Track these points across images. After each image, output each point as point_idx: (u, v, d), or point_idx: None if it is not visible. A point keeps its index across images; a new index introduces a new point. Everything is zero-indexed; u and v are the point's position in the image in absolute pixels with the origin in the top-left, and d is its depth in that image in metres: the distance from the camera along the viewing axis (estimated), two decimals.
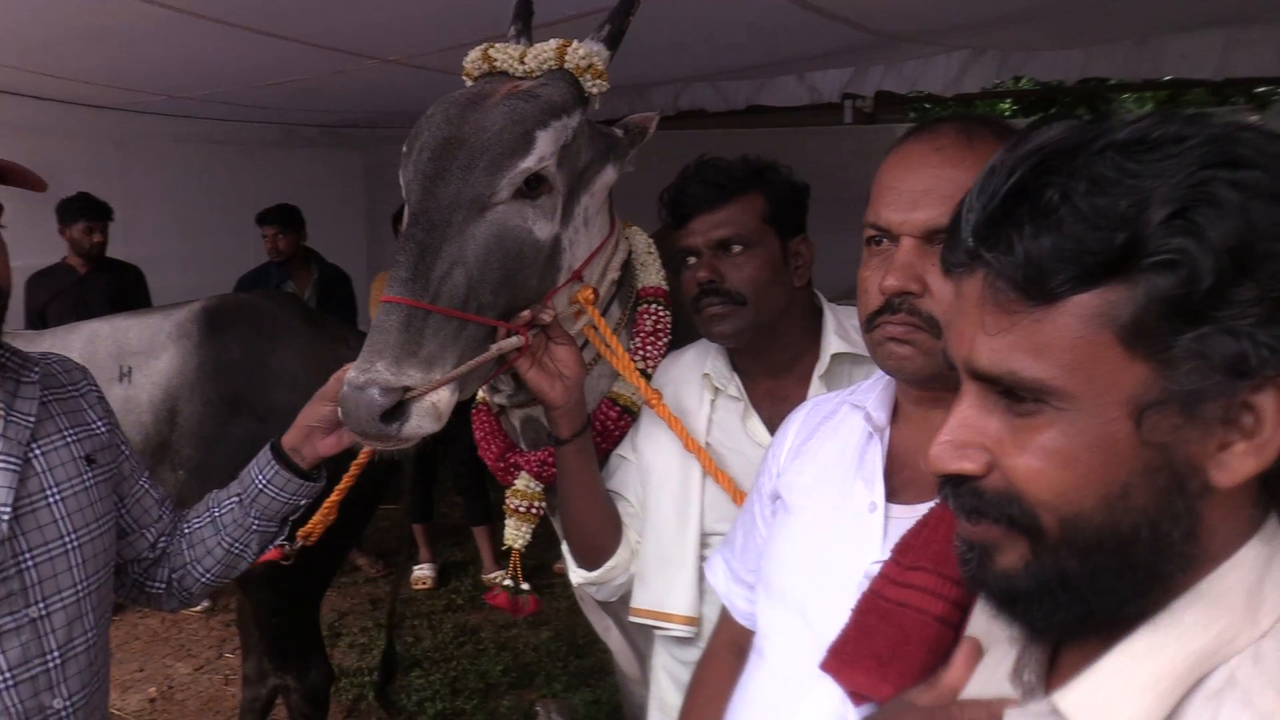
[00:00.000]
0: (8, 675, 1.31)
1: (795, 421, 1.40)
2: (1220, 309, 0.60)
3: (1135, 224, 0.61)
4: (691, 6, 2.80)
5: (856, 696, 1.06)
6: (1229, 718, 0.63)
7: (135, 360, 2.69)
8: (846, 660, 1.10)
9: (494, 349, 1.50)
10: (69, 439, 1.45)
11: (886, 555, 1.10)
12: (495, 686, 3.97)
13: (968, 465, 0.69)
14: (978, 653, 0.85)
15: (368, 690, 3.92)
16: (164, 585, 1.62)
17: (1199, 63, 4.39)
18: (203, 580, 1.62)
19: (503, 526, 2.05)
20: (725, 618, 1.46)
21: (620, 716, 3.68)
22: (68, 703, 1.37)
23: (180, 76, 4.16)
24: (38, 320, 4.49)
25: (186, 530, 1.62)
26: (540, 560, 5.17)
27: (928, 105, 6.54)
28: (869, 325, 1.15)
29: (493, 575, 4.95)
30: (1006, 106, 6.93)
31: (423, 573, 4.99)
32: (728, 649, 1.41)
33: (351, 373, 1.41)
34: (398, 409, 1.39)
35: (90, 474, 1.46)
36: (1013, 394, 0.67)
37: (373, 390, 1.37)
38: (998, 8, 3.46)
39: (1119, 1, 3.56)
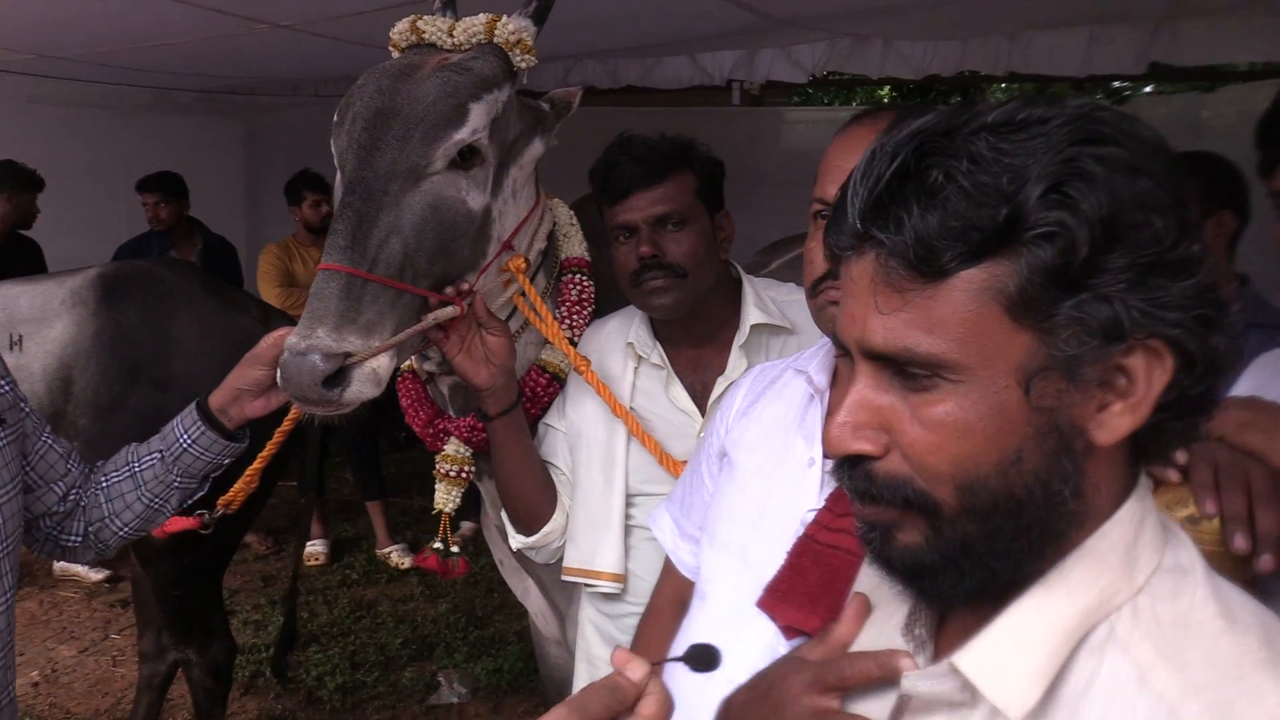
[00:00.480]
0: None
1: (743, 386, 1.49)
2: (1094, 277, 0.64)
3: (1015, 200, 0.63)
4: None
5: (789, 630, 1.17)
6: (1111, 668, 0.67)
7: (26, 328, 2.60)
8: (780, 598, 1.21)
9: (430, 318, 1.54)
10: None
11: (822, 505, 1.21)
12: (395, 659, 3.98)
13: (865, 446, 0.71)
14: (866, 608, 0.89)
15: (265, 666, 3.87)
16: (80, 538, 1.60)
17: (1064, 59, 4.68)
18: (120, 533, 1.61)
19: (394, 502, 2.08)
20: (669, 573, 1.54)
21: (522, 683, 3.75)
22: None
23: (52, 35, 3.97)
24: None
25: (104, 484, 1.60)
26: (434, 535, 5.20)
27: (811, 90, 6.75)
28: (813, 291, 1.25)
29: (387, 550, 4.93)
30: (885, 93, 7.21)
31: (315, 549, 4.92)
32: (671, 603, 1.50)
33: (292, 339, 1.42)
34: (339, 375, 1.42)
35: (4, 432, 1.44)
36: (907, 371, 0.68)
37: (314, 356, 1.40)
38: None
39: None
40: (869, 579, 0.91)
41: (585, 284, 1.94)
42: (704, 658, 0.89)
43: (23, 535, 1.51)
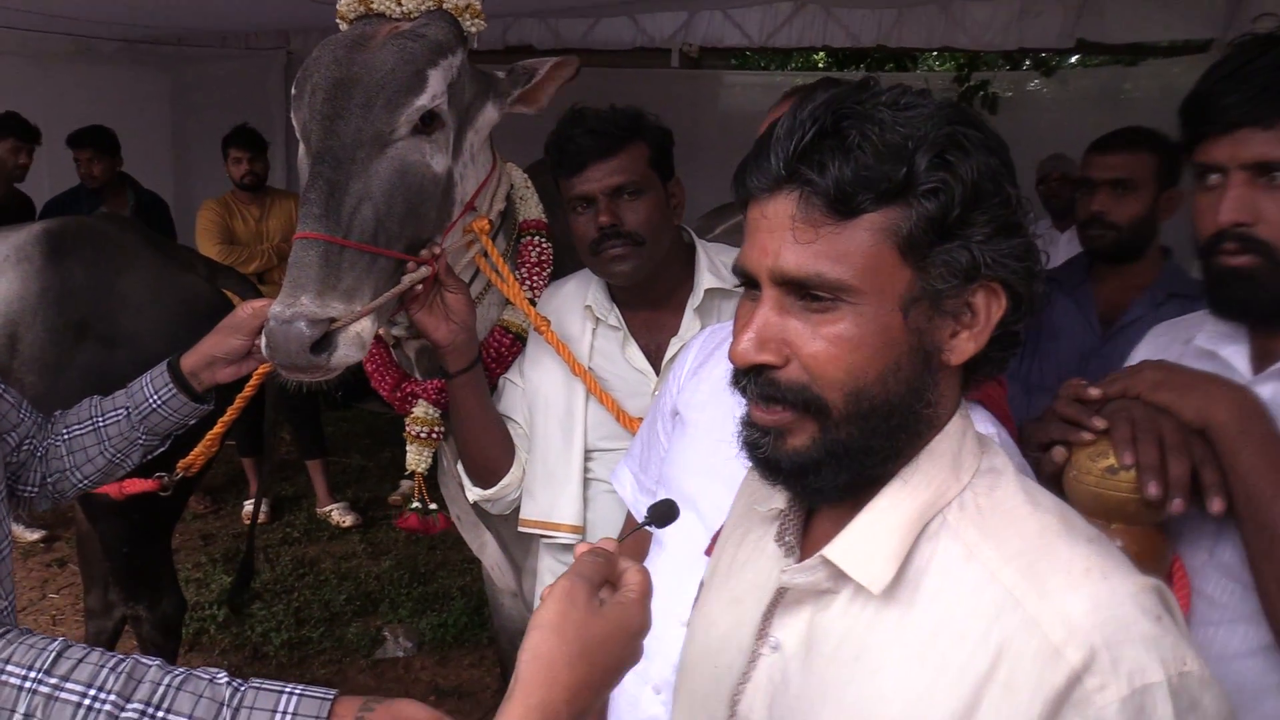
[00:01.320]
0: None
1: (694, 348, 1.58)
2: (962, 228, 0.80)
3: (912, 159, 0.79)
4: None
5: None
6: (945, 548, 0.84)
7: None
8: None
9: (406, 279, 1.60)
10: None
11: None
12: (340, 615, 4.02)
13: (769, 357, 0.83)
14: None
15: (209, 623, 3.89)
16: (35, 488, 1.62)
17: (995, 31, 4.81)
18: (79, 485, 1.64)
19: (334, 461, 2.12)
20: (628, 523, 1.63)
21: (467, 637, 3.83)
22: None
23: None
24: None
25: (65, 435, 1.61)
26: (374, 493, 5.22)
27: (748, 53, 6.82)
28: None
29: (328, 508, 4.94)
30: (820, 58, 7.31)
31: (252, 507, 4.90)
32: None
33: (277, 307, 1.47)
34: (324, 340, 1.47)
35: None
36: (811, 295, 0.81)
37: (300, 323, 1.44)
38: None
39: None
40: (740, 505, 1.09)
41: (544, 246, 2.00)
42: (664, 514, 1.05)
43: None
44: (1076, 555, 0.81)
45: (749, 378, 0.86)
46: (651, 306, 1.90)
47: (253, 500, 4.90)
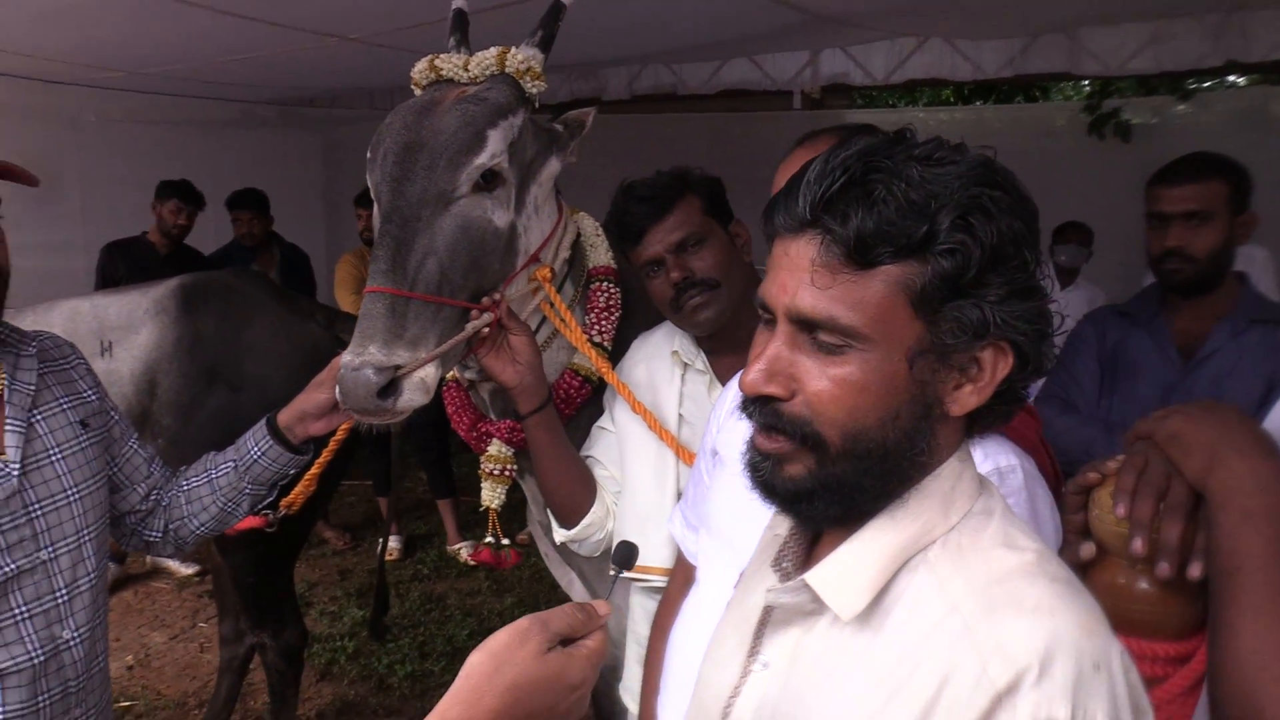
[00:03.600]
0: (24, 609, 1.50)
1: (732, 388, 1.59)
2: (977, 288, 0.82)
3: (935, 220, 0.81)
4: None
5: None
6: (920, 581, 0.86)
7: (115, 335, 2.82)
8: None
9: (469, 327, 1.68)
10: (64, 406, 1.63)
11: None
12: (463, 650, 4.12)
13: (776, 389, 0.87)
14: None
15: (340, 655, 4.08)
16: (160, 534, 1.82)
17: (1127, 55, 4.62)
18: (197, 532, 1.82)
19: (465, 499, 2.21)
20: (679, 561, 1.66)
21: None
22: (75, 634, 1.56)
23: (141, 52, 4.24)
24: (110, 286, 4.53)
25: (185, 487, 1.81)
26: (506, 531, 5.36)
27: (874, 93, 6.75)
28: None
29: (457, 546, 5.11)
30: (948, 93, 7.17)
31: (389, 544, 5.12)
32: (681, 589, 1.62)
33: (346, 357, 1.58)
34: (391, 386, 1.56)
35: (85, 436, 1.64)
36: (820, 337, 0.85)
37: (367, 370, 1.55)
38: None
39: None
40: (767, 532, 1.10)
41: (612, 291, 2.05)
42: (625, 556, 1.17)
43: (110, 528, 1.73)
44: (1033, 592, 0.82)
45: (755, 406, 0.90)
46: (735, 349, 1.90)
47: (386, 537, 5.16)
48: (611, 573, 1.16)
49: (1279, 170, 3.57)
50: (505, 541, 2.09)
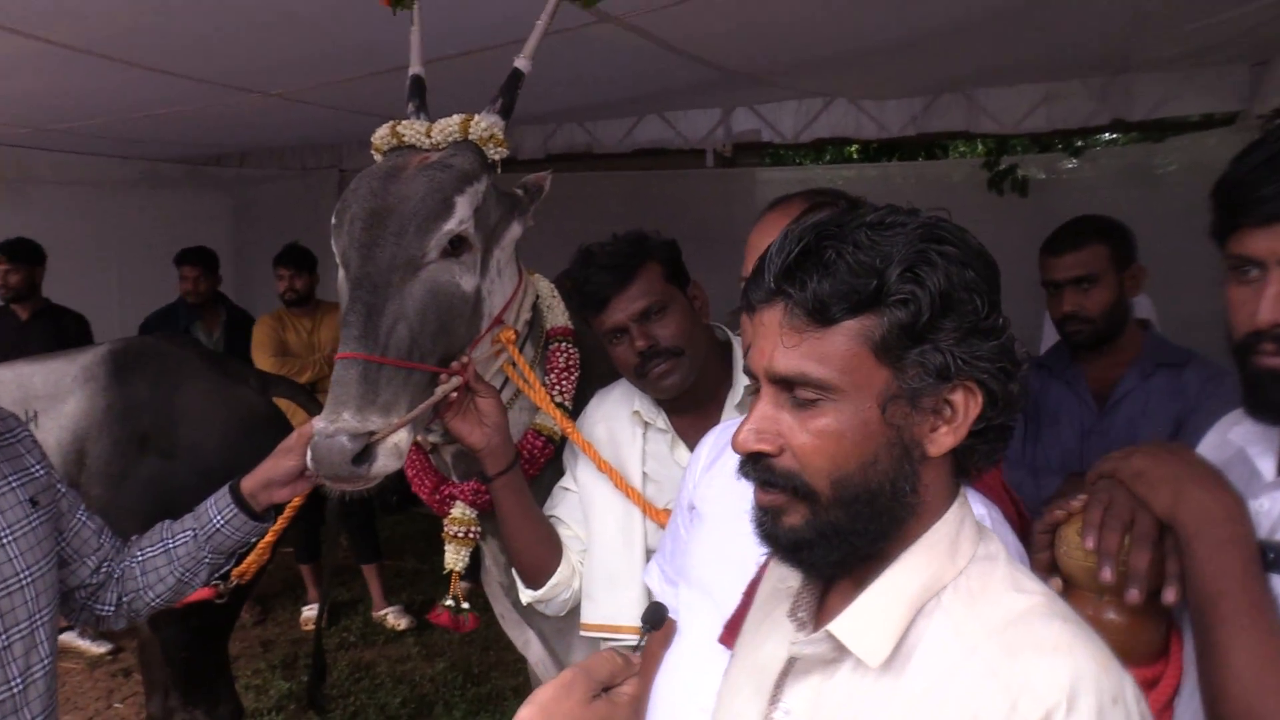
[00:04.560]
0: None
1: (707, 444, 1.64)
2: (932, 333, 0.89)
3: (883, 275, 0.89)
4: (561, 49, 3.00)
5: None
6: (937, 625, 0.92)
7: (41, 404, 2.73)
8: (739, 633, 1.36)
9: (439, 391, 1.70)
10: (13, 484, 1.56)
11: None
12: (395, 718, 4.04)
13: (765, 446, 0.94)
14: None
15: None
16: (113, 607, 1.75)
17: (1021, 114, 4.90)
18: (152, 604, 1.77)
19: (389, 565, 2.16)
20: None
21: None
22: None
23: (49, 107, 4.12)
24: None
25: (140, 557, 1.75)
26: (428, 596, 5.27)
27: (781, 151, 6.99)
28: None
29: (383, 612, 5.00)
30: (852, 150, 7.46)
31: (312, 613, 4.98)
32: (661, 644, 1.63)
33: (320, 423, 1.58)
34: (365, 452, 1.57)
35: (35, 515, 1.58)
36: (798, 394, 0.92)
37: (341, 438, 1.55)
38: (832, 46, 3.80)
39: (944, 53, 3.98)
40: (766, 587, 1.16)
41: (570, 351, 2.08)
42: (655, 616, 1.23)
43: (59, 606, 1.65)
44: (1050, 632, 0.88)
45: (750, 464, 0.97)
46: (696, 407, 1.94)
47: (310, 606, 5.02)
48: (642, 632, 1.19)
49: (1163, 222, 3.80)
50: (465, 605, 2.07)
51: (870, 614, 0.93)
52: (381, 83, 3.46)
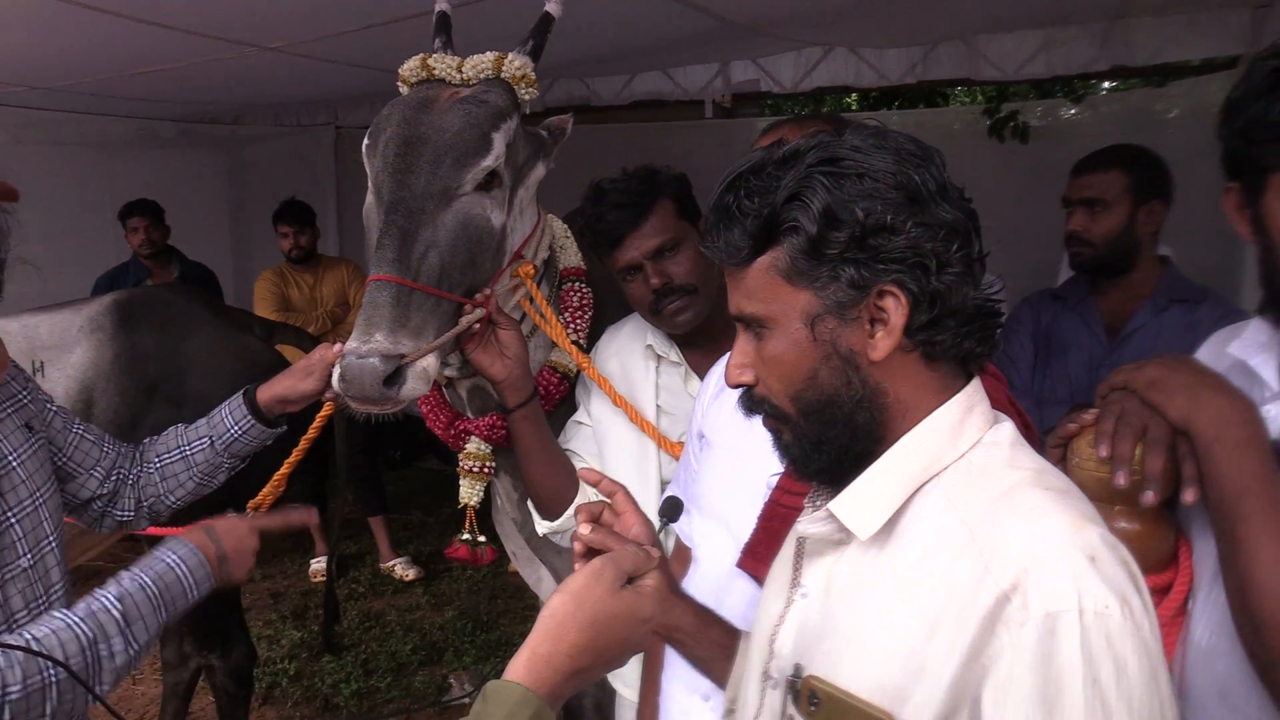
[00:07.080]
0: (15, 617, 1.47)
1: (715, 373, 1.66)
2: (830, 248, 0.94)
3: (774, 209, 0.96)
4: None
5: None
6: (933, 501, 0.97)
7: (48, 354, 2.73)
8: (759, 558, 1.40)
9: (464, 320, 1.71)
10: (8, 410, 1.58)
11: (784, 471, 1.37)
12: (406, 665, 4.10)
13: (744, 378, 1.04)
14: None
15: (282, 677, 4.00)
16: (132, 512, 1.84)
17: (1022, 61, 4.87)
18: (173, 506, 1.87)
19: (394, 517, 2.17)
20: (676, 546, 1.70)
21: None
22: None
23: (41, 64, 4.06)
24: None
25: (158, 464, 1.83)
26: (435, 547, 5.32)
27: (782, 101, 6.94)
28: None
29: (391, 563, 5.05)
30: (852, 100, 7.41)
31: (320, 565, 5.02)
32: (681, 571, 1.66)
33: (352, 343, 1.59)
34: (395, 374, 1.58)
35: (33, 439, 1.61)
36: (753, 329, 1.01)
37: (374, 359, 1.56)
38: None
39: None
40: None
41: (584, 291, 2.10)
42: (671, 508, 1.35)
43: (78, 514, 1.76)
44: (1028, 498, 0.93)
45: (744, 396, 1.06)
46: (709, 340, 1.95)
47: (318, 558, 5.07)
48: (659, 524, 1.23)
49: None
50: (482, 539, 2.10)
51: (865, 492, 0.99)
52: (379, 35, 3.43)
